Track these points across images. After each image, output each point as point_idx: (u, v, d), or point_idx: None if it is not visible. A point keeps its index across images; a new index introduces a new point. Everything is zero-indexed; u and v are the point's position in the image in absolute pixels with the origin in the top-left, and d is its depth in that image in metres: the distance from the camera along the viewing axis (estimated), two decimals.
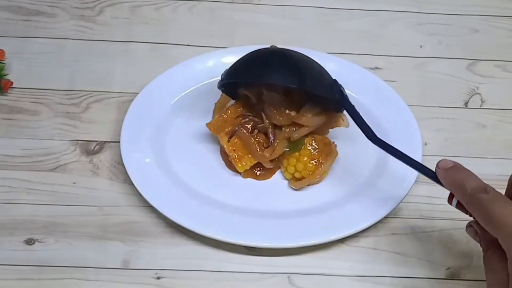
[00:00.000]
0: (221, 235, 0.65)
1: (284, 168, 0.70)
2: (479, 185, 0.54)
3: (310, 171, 0.68)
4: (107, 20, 0.84)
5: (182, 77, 0.75)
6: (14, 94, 0.77)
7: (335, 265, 0.66)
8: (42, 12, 0.84)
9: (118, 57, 0.80)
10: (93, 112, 0.76)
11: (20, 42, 0.81)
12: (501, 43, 0.84)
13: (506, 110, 0.79)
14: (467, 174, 0.55)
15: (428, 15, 0.86)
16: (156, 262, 0.66)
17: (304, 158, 0.68)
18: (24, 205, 0.69)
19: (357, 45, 0.83)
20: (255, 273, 0.66)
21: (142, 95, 0.74)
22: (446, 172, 0.57)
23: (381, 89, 0.76)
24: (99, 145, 0.73)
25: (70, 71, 0.79)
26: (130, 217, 0.68)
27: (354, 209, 0.68)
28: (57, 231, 0.67)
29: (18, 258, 0.65)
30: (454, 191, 0.56)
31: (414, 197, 0.70)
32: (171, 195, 0.68)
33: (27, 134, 0.74)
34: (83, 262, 0.65)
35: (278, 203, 0.69)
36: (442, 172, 0.57)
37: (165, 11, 0.85)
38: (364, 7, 0.87)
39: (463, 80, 0.81)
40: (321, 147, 0.69)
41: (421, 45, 0.84)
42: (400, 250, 0.67)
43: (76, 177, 0.71)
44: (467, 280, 0.66)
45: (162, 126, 0.73)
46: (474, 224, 0.57)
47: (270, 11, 0.85)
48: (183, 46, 0.82)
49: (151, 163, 0.70)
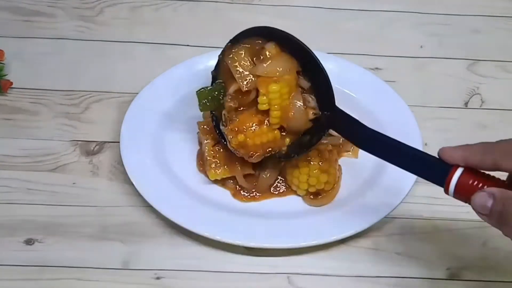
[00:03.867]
0: (221, 235, 0.65)
1: (295, 186, 0.69)
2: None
3: (324, 182, 0.68)
4: (107, 20, 0.84)
5: (182, 77, 0.75)
6: (14, 94, 0.77)
7: (335, 265, 0.66)
8: (42, 12, 0.84)
9: (118, 57, 0.81)
10: (93, 112, 0.76)
11: (20, 42, 0.81)
12: (502, 44, 0.84)
13: (506, 110, 0.79)
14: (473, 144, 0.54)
15: (428, 15, 0.86)
16: (156, 262, 0.66)
17: (314, 171, 0.68)
18: (24, 205, 0.69)
19: (357, 45, 0.83)
20: (255, 273, 0.66)
21: (142, 95, 0.74)
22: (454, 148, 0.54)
23: (381, 89, 0.76)
24: (99, 145, 0.73)
25: (70, 71, 0.79)
26: (130, 218, 0.68)
27: (354, 209, 0.68)
28: (57, 231, 0.67)
29: (18, 258, 0.65)
30: (469, 155, 0.53)
31: (414, 197, 0.70)
32: (171, 195, 0.68)
33: (27, 134, 0.74)
34: (83, 262, 0.65)
35: (278, 203, 0.69)
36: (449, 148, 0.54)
37: (165, 11, 0.85)
38: (364, 8, 0.87)
39: (463, 80, 0.81)
40: (325, 156, 0.68)
41: (421, 46, 0.84)
42: (400, 250, 0.67)
43: (76, 177, 0.71)
44: (467, 280, 0.66)
45: (162, 126, 0.73)
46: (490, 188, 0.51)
47: (270, 11, 0.86)
48: (183, 46, 0.82)
49: (151, 163, 0.70)
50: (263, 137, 0.67)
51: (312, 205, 0.69)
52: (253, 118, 0.67)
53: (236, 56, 0.66)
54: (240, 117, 0.67)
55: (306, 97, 0.67)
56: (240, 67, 0.66)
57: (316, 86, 0.66)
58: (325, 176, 0.68)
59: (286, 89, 0.65)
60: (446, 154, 0.54)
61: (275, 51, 0.66)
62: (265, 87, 0.65)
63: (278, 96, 0.65)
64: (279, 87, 0.65)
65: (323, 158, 0.68)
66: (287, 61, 0.66)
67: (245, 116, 0.67)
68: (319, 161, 0.67)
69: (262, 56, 0.66)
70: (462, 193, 0.53)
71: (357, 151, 0.73)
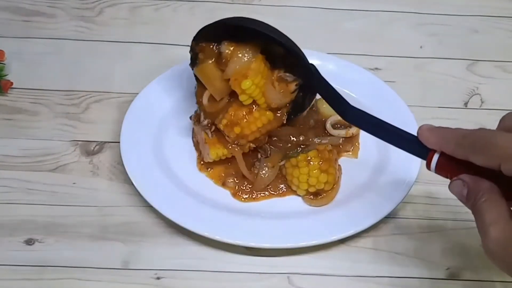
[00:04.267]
0: (221, 235, 0.65)
1: (295, 186, 0.69)
2: (469, 129, 0.53)
3: (323, 182, 0.68)
4: (107, 21, 0.84)
5: (182, 77, 0.75)
6: (14, 94, 0.77)
7: (335, 265, 0.66)
8: (42, 13, 0.84)
9: (118, 57, 0.81)
10: (93, 112, 0.76)
11: (20, 42, 0.81)
12: (501, 44, 0.85)
13: (506, 110, 0.78)
14: (452, 128, 0.54)
15: (428, 16, 0.86)
16: (156, 262, 0.66)
17: (314, 171, 0.68)
18: (24, 206, 0.69)
19: (357, 45, 0.83)
20: (255, 273, 0.66)
21: (142, 95, 0.74)
22: (431, 130, 0.55)
23: (381, 89, 0.76)
24: (99, 145, 0.73)
25: (70, 72, 0.79)
26: (130, 217, 0.68)
27: (354, 209, 0.68)
28: (57, 231, 0.67)
29: (18, 258, 0.65)
30: (443, 144, 0.54)
31: (414, 197, 0.70)
32: (171, 195, 0.68)
33: (27, 135, 0.74)
34: (83, 262, 0.65)
35: (278, 203, 0.69)
36: (427, 132, 0.55)
37: (165, 11, 0.85)
38: (364, 8, 0.87)
39: (463, 81, 0.81)
40: (325, 156, 0.68)
41: (421, 46, 0.84)
42: (400, 250, 0.67)
43: (76, 177, 0.71)
44: (467, 280, 0.66)
45: (162, 126, 0.73)
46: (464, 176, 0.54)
47: (270, 11, 0.86)
48: (183, 46, 0.81)
49: (151, 163, 0.70)
50: (258, 122, 0.68)
51: (312, 205, 0.69)
52: (242, 108, 0.67)
53: (203, 69, 0.67)
54: (230, 110, 0.67)
55: (281, 76, 0.67)
56: (209, 78, 0.67)
57: (286, 54, 0.66)
58: (325, 176, 0.68)
59: (258, 78, 0.66)
60: (423, 137, 0.55)
61: (232, 48, 0.66)
62: (239, 87, 0.66)
63: (254, 88, 0.66)
64: (251, 81, 0.65)
65: (323, 158, 0.68)
66: (247, 51, 0.65)
67: (234, 108, 0.68)
68: (319, 161, 0.67)
69: (224, 59, 0.66)
70: (443, 174, 0.55)
71: (357, 151, 0.73)
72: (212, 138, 0.69)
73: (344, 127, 0.74)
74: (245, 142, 0.68)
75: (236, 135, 0.67)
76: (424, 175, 0.69)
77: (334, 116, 0.74)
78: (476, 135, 0.51)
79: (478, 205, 0.51)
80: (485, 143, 0.50)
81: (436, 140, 0.54)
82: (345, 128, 0.73)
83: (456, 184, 0.53)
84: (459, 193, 0.53)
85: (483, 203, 0.51)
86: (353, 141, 0.73)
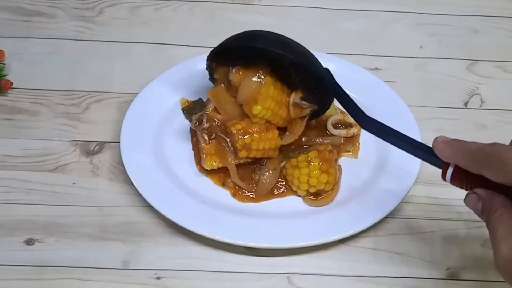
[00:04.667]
0: (221, 235, 0.65)
1: (295, 186, 0.69)
2: (482, 143, 0.53)
3: (324, 182, 0.68)
4: (107, 21, 0.84)
5: (182, 77, 0.75)
6: (14, 94, 0.77)
7: (335, 265, 0.66)
8: (42, 13, 0.84)
9: (118, 57, 0.81)
10: (93, 112, 0.76)
11: (20, 42, 0.81)
12: (501, 44, 0.85)
13: (506, 110, 0.79)
14: (466, 142, 0.54)
15: (428, 16, 0.86)
16: (156, 262, 0.66)
17: (314, 171, 0.68)
18: (24, 206, 0.69)
19: (357, 45, 0.83)
20: (255, 273, 0.66)
21: (142, 95, 0.74)
22: (446, 143, 0.55)
23: (381, 90, 0.76)
24: (99, 145, 0.73)
25: (70, 72, 0.79)
26: (130, 217, 0.68)
27: (354, 209, 0.68)
28: (57, 231, 0.67)
29: (18, 258, 0.65)
30: (457, 158, 0.54)
31: (414, 197, 0.70)
32: (171, 195, 0.68)
33: (27, 135, 0.74)
34: (83, 262, 0.65)
35: (278, 204, 0.69)
36: (441, 144, 0.56)
37: (165, 11, 0.85)
38: (364, 8, 0.87)
39: (463, 81, 0.81)
40: (325, 156, 0.68)
41: (421, 46, 0.84)
42: (400, 250, 0.67)
43: (76, 177, 0.71)
44: (467, 280, 0.66)
45: (162, 126, 0.73)
46: (478, 190, 0.54)
47: (270, 12, 0.86)
48: (183, 46, 0.82)
49: (151, 164, 0.70)
50: (267, 143, 0.68)
51: (312, 205, 0.69)
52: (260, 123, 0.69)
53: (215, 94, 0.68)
54: (248, 119, 0.68)
55: (297, 103, 0.68)
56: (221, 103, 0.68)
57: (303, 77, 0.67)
58: (325, 177, 0.68)
59: (269, 102, 0.67)
60: (437, 149, 0.56)
61: (240, 76, 0.67)
62: (250, 112, 0.67)
63: (266, 111, 0.67)
64: (261, 106, 0.66)
65: (323, 159, 0.68)
66: (256, 75, 0.67)
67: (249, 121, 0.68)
68: (319, 162, 0.67)
69: (234, 87, 0.67)
70: (458, 185, 0.56)
71: (357, 151, 0.73)
72: (209, 146, 0.69)
73: (345, 127, 0.74)
74: (245, 154, 0.68)
75: (244, 143, 0.67)
76: (424, 175, 0.69)
77: (335, 116, 0.74)
78: (489, 150, 0.51)
79: (492, 220, 0.51)
80: (497, 159, 0.50)
81: (450, 154, 0.55)
82: (345, 127, 0.73)
83: (471, 198, 0.54)
84: (474, 207, 0.54)
85: (496, 218, 0.51)
86: (354, 141, 0.73)
